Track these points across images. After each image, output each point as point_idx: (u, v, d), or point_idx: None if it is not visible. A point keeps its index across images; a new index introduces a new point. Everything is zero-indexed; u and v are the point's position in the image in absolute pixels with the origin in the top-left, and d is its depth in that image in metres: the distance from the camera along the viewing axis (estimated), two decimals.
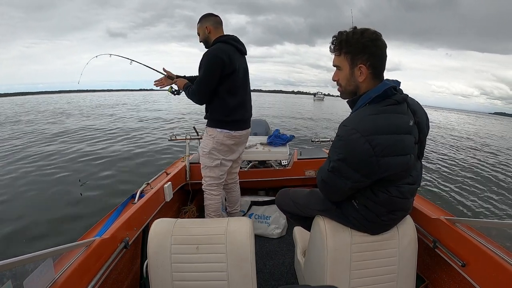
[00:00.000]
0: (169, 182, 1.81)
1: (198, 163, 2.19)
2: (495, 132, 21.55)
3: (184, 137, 2.23)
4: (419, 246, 1.11)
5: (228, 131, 1.65)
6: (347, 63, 0.92)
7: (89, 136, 8.85)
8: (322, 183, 1.01)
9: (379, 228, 1.05)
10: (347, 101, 1.01)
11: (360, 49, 0.88)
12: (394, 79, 0.94)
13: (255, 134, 2.56)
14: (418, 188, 1.04)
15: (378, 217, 0.99)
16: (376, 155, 0.83)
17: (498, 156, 8.58)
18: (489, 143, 12.43)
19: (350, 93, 0.97)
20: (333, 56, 0.96)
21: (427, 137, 1.05)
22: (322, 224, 1.09)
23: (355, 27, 0.90)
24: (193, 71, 1.77)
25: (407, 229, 1.09)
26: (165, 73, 1.83)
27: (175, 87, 1.83)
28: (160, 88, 1.85)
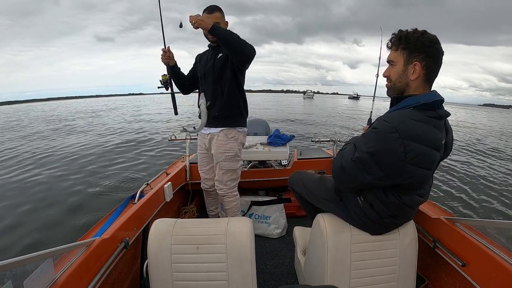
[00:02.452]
0: (169, 182, 1.81)
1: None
2: (483, 123, 21.50)
3: (184, 137, 2.23)
4: (419, 246, 1.12)
5: (245, 128, 1.70)
6: (402, 58, 0.90)
7: (88, 137, 8.86)
8: (340, 169, 0.97)
9: (379, 228, 1.05)
10: (391, 96, 0.98)
11: (418, 47, 0.87)
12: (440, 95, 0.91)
13: (255, 134, 2.56)
14: None
15: (380, 218, 1.00)
16: (406, 160, 0.83)
17: (494, 152, 8.55)
18: (480, 137, 12.40)
19: (398, 90, 0.95)
20: (389, 52, 0.95)
21: None
22: (323, 224, 1.09)
23: (416, 28, 0.89)
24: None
25: (407, 229, 1.09)
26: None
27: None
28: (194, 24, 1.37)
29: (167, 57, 1.60)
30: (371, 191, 0.98)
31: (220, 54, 1.58)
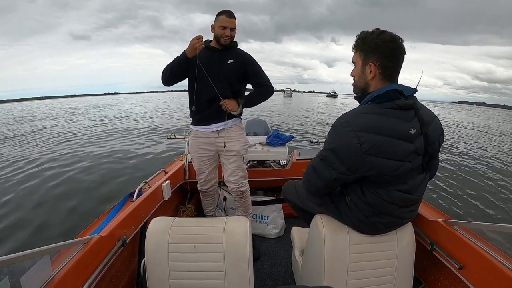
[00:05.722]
0: (168, 181, 1.80)
1: None
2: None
3: (183, 136, 2.23)
4: (416, 248, 1.12)
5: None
6: (360, 60, 0.95)
7: (87, 136, 8.84)
8: (311, 169, 1.03)
9: (369, 229, 1.05)
10: (354, 97, 1.03)
11: (372, 48, 0.91)
12: (412, 87, 0.93)
13: (255, 134, 2.55)
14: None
15: (366, 217, 1.00)
16: (362, 152, 0.85)
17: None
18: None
19: (360, 89, 1.00)
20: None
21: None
22: (320, 224, 1.09)
23: (378, 28, 0.92)
24: (159, 73, 1.64)
25: (405, 231, 1.10)
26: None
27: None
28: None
29: (201, 44, 1.46)
30: (352, 190, 1.00)
31: (230, 61, 1.59)
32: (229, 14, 1.54)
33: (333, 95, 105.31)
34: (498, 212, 4.02)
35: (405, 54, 0.91)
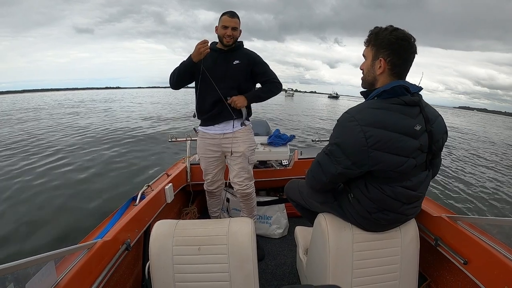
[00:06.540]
0: (170, 184, 1.81)
1: (199, 164, 2.19)
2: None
3: (185, 138, 2.23)
4: (420, 244, 1.11)
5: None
6: (371, 54, 0.96)
7: (88, 138, 8.86)
8: (316, 164, 1.02)
9: (372, 225, 1.05)
10: (360, 92, 1.03)
11: (385, 44, 0.91)
12: (417, 84, 0.94)
13: (256, 135, 2.55)
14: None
15: (369, 213, 1.00)
16: (368, 146, 0.85)
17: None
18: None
19: (368, 83, 1.00)
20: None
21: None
22: (324, 223, 1.09)
23: (391, 25, 0.93)
24: (162, 69, 1.68)
25: (408, 227, 1.09)
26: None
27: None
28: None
29: (206, 48, 1.47)
30: (356, 186, 1.00)
31: (236, 61, 1.60)
32: (231, 14, 1.54)
33: (335, 97, 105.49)
34: (496, 209, 4.00)
35: (416, 53, 0.92)
